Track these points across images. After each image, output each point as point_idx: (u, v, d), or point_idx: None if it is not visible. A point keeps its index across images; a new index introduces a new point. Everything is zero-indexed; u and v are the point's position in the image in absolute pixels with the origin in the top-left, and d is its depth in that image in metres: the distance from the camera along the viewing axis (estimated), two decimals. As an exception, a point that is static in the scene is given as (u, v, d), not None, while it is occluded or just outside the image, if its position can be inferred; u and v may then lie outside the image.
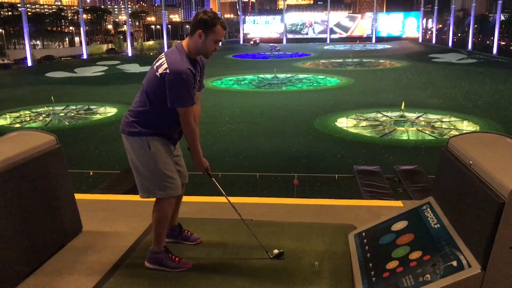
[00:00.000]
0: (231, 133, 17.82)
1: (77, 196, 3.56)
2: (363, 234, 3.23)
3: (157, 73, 2.89)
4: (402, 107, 20.41)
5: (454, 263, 2.40)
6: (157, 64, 2.93)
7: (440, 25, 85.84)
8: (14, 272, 2.81)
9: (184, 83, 2.85)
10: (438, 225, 2.82)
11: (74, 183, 10.51)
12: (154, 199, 3.06)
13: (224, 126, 18.83)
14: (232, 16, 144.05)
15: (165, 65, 2.87)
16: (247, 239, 3.35)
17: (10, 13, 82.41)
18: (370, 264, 2.82)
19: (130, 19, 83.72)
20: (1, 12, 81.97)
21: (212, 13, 2.96)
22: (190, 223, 3.53)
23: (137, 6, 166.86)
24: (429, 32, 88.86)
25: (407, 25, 79.80)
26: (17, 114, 23.42)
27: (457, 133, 14.64)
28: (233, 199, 4.15)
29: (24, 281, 2.87)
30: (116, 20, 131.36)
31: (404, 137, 17.35)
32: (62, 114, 23.00)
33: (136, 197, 4.77)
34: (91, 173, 12.08)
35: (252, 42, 76.38)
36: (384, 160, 13.58)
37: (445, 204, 2.93)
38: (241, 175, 12.20)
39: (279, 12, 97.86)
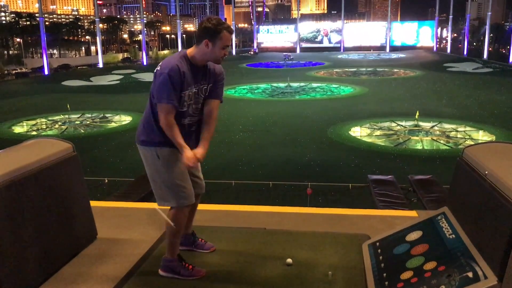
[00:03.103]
0: (244, 142, 17.83)
1: (92, 203, 3.59)
2: (377, 244, 3.21)
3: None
4: (417, 116, 20.25)
5: (470, 274, 2.37)
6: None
7: (455, 34, 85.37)
8: (30, 279, 2.85)
9: (167, 78, 2.84)
10: (453, 236, 2.79)
11: (89, 190, 10.64)
12: (168, 207, 3.08)
13: (238, 135, 18.86)
14: (246, 25, 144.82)
15: (159, 64, 2.94)
16: (260, 247, 3.35)
17: (28, 22, 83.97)
18: (384, 275, 2.80)
19: (145, 29, 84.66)
20: (20, 22, 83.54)
21: (216, 20, 2.94)
22: (203, 231, 3.55)
23: (152, 15, 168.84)
24: (444, 41, 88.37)
25: (421, 34, 79.41)
26: (33, 122, 23.74)
27: (472, 143, 14.51)
28: (246, 208, 4.16)
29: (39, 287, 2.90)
30: (132, 29, 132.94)
31: (419, 146, 17.20)
32: (78, 122, 23.27)
33: (150, 205, 4.81)
34: (106, 181, 12.17)
35: (251, 52, 77.47)
36: (398, 169, 13.46)
37: (460, 215, 2.90)
38: (254, 184, 12.20)
39: (293, 21, 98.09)
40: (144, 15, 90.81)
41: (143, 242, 3.49)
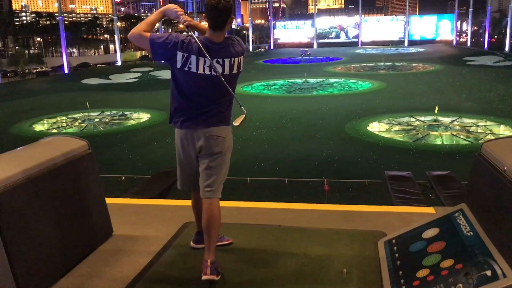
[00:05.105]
0: (261, 138, 17.83)
1: (109, 200, 3.62)
2: (393, 241, 3.16)
3: None
4: (436, 111, 19.99)
5: (488, 272, 2.32)
6: None
7: (476, 27, 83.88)
8: (46, 275, 2.89)
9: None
10: (471, 233, 2.73)
11: (107, 187, 10.76)
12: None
13: (254, 131, 18.86)
14: (263, 21, 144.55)
15: None
16: (275, 244, 3.33)
17: (48, 22, 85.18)
18: (400, 272, 2.76)
19: (162, 26, 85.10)
20: (40, 22, 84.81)
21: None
22: None
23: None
24: (464, 35, 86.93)
25: (440, 28, 78.20)
26: (54, 120, 24.12)
27: (493, 137, 14.26)
28: (261, 204, 4.15)
29: (56, 284, 2.94)
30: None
31: (438, 142, 16.98)
32: (97, 120, 23.56)
33: (166, 201, 4.83)
34: (123, 178, 12.32)
35: (262, 49, 77.63)
36: (417, 165, 13.31)
37: (478, 211, 2.84)
38: (270, 180, 12.19)
39: (310, 16, 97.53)
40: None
41: (158, 238, 3.51)
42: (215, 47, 2.90)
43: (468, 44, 73.58)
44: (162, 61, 3.05)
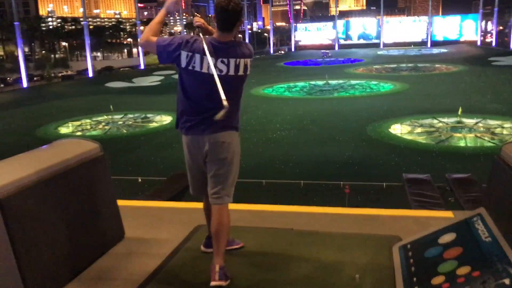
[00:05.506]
0: (281, 140, 17.76)
1: (121, 202, 3.63)
2: (408, 246, 3.08)
3: None
4: (459, 113, 19.58)
5: (507, 281, 2.23)
6: None
7: (501, 27, 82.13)
8: (56, 277, 2.90)
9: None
10: (489, 239, 2.64)
11: (126, 189, 10.84)
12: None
13: (275, 133, 18.80)
14: (284, 24, 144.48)
15: None
16: (287, 248, 3.28)
17: (73, 27, 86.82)
18: (414, 279, 2.68)
19: (185, 30, 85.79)
20: (65, 26, 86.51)
21: None
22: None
23: (192, 17, 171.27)
24: (489, 35, 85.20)
25: (464, 28, 76.70)
26: (78, 123, 24.49)
27: (518, 139, 13.89)
28: (274, 207, 4.10)
29: (66, 286, 2.95)
30: (172, 31, 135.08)
31: (462, 144, 16.64)
32: (121, 123, 23.83)
33: (179, 204, 4.83)
34: (140, 180, 12.43)
35: (282, 52, 77.36)
36: (439, 168, 13.05)
37: (497, 216, 2.74)
38: (289, 183, 12.12)
39: (331, 18, 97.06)
40: (184, 17, 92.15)
41: (169, 241, 3.50)
42: (221, 46, 2.89)
43: (493, 44, 72.00)
44: (171, 63, 3.04)
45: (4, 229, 2.50)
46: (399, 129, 18.99)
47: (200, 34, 2.93)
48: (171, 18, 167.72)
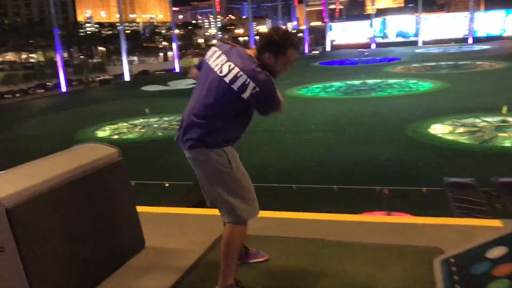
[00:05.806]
0: (317, 142, 17.45)
1: (142, 209, 3.47)
2: (451, 260, 2.77)
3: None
4: (504, 111, 18.72)
5: None
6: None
7: (548, 21, 78.49)
8: None
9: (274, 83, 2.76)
10: (547, 254, 2.31)
11: (156, 193, 10.78)
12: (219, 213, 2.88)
13: (310, 135, 18.51)
14: (319, 23, 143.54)
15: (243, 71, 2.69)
16: (316, 260, 3.04)
17: (110, 32, 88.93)
18: (459, 298, 2.38)
19: (219, 32, 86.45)
20: (102, 32, 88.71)
21: (283, 33, 2.67)
22: (254, 241, 3.27)
23: (226, 19, 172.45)
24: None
25: (508, 23, 73.91)
26: (115, 126, 24.91)
27: None
28: (303, 215, 3.85)
29: None
30: (206, 33, 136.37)
31: (508, 144, 15.87)
32: (156, 126, 24.09)
33: (202, 210, 4.64)
34: (167, 185, 12.42)
35: (316, 52, 76.46)
36: (483, 170, 12.43)
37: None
38: (323, 188, 11.79)
39: (367, 16, 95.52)
40: (218, 19, 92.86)
41: (192, 251, 3.31)
42: (234, 51, 2.74)
43: (540, 39, 68.99)
44: None
45: (12, 239, 2.37)
46: (439, 129, 18.35)
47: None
48: (206, 21, 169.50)
